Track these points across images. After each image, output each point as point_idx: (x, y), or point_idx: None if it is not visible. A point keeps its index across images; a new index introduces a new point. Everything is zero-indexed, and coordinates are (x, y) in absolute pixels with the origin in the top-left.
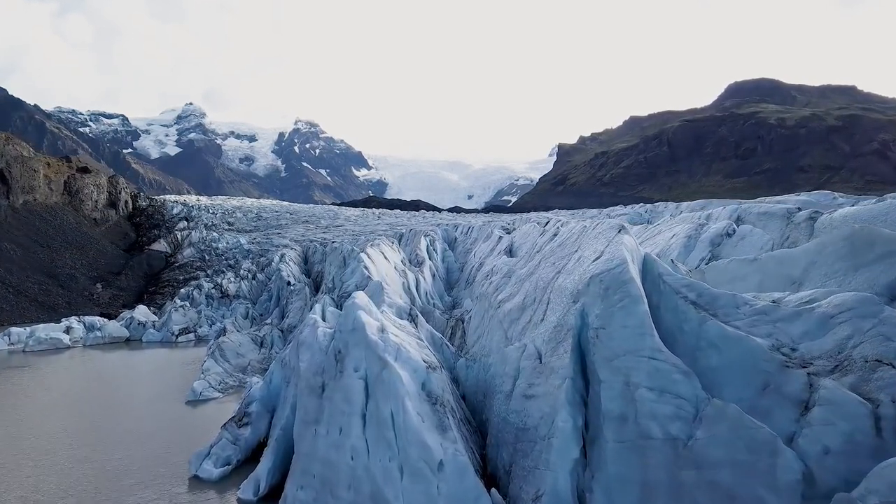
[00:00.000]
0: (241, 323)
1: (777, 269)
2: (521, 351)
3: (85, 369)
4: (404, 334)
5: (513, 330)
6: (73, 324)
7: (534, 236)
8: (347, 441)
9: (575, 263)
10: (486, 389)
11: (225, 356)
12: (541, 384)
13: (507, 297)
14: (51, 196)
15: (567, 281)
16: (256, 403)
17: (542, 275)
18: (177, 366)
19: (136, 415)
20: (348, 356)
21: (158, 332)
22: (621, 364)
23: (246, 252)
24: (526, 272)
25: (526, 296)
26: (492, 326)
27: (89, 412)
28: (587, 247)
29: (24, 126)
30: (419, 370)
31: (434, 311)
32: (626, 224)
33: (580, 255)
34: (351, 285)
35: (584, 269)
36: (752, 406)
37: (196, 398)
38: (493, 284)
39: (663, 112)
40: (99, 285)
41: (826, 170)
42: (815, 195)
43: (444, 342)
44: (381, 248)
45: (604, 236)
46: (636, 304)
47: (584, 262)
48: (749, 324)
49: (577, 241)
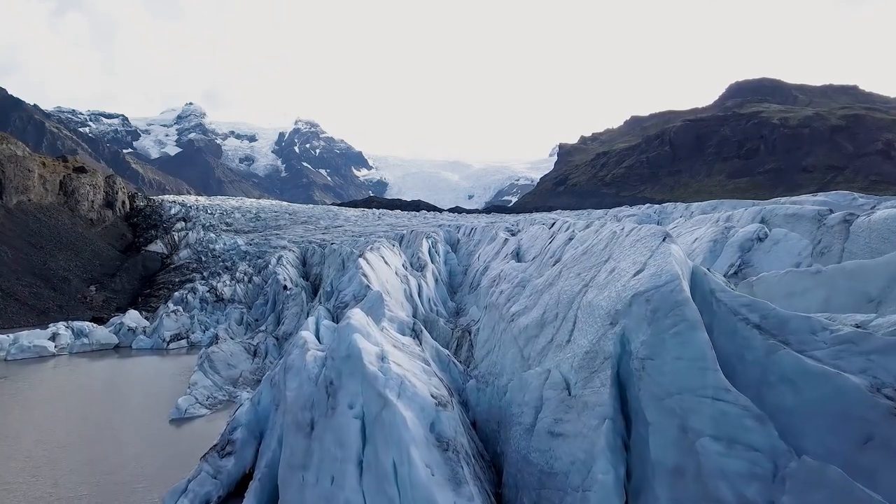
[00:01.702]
0: (234, 329)
1: (848, 285)
2: (543, 378)
3: (66, 381)
4: (408, 360)
5: (530, 349)
6: (60, 330)
7: (543, 239)
8: (341, 494)
9: (608, 276)
10: (501, 418)
11: (215, 368)
12: (570, 421)
13: (521, 311)
14: (46, 196)
15: (599, 297)
16: (242, 429)
17: (565, 287)
18: (165, 376)
19: (113, 437)
20: (342, 389)
21: (149, 339)
22: (675, 404)
23: (243, 254)
24: (543, 282)
25: (545, 310)
26: (504, 342)
27: (61, 435)
28: (623, 257)
29: (23, 126)
30: (427, 408)
31: (438, 320)
32: (669, 230)
33: (614, 266)
34: (348, 294)
35: (623, 285)
36: (848, 464)
37: (181, 416)
38: (505, 294)
39: (665, 112)
40: (93, 288)
41: (830, 170)
42: (832, 195)
43: (452, 360)
44: (382, 252)
45: (644, 245)
46: (694, 331)
47: (622, 276)
48: (832, 355)
49: (608, 250)
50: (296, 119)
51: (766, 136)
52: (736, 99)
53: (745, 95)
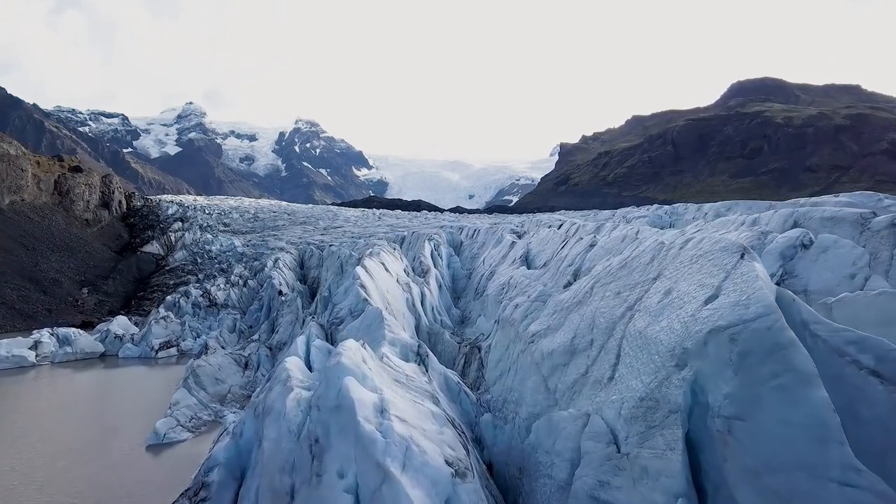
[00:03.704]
0: (226, 337)
1: None
2: (580, 423)
3: (39, 396)
4: (414, 408)
5: (557, 380)
6: (43, 338)
7: (554, 244)
8: None
9: (663, 300)
10: (524, 463)
11: (201, 383)
12: (623, 488)
13: (543, 331)
14: (40, 196)
15: (655, 328)
16: (219, 470)
17: (601, 308)
18: (150, 389)
19: (77, 470)
20: (330, 451)
21: (137, 347)
22: (781, 486)
23: (239, 255)
24: (569, 299)
25: (575, 334)
26: (522, 365)
27: (19, 467)
28: (681, 276)
29: (22, 125)
30: (440, 482)
31: (443, 333)
32: (746, 245)
33: (669, 287)
34: (344, 309)
35: (692, 315)
36: None
37: (159, 441)
38: (521, 309)
39: (666, 111)
40: (85, 290)
41: (835, 169)
42: (856, 196)
43: (462, 388)
44: (382, 258)
45: (712, 262)
46: (807, 387)
47: (685, 302)
48: None
49: (656, 265)
50: (296, 119)
51: (770, 136)
52: (738, 98)
53: (747, 95)
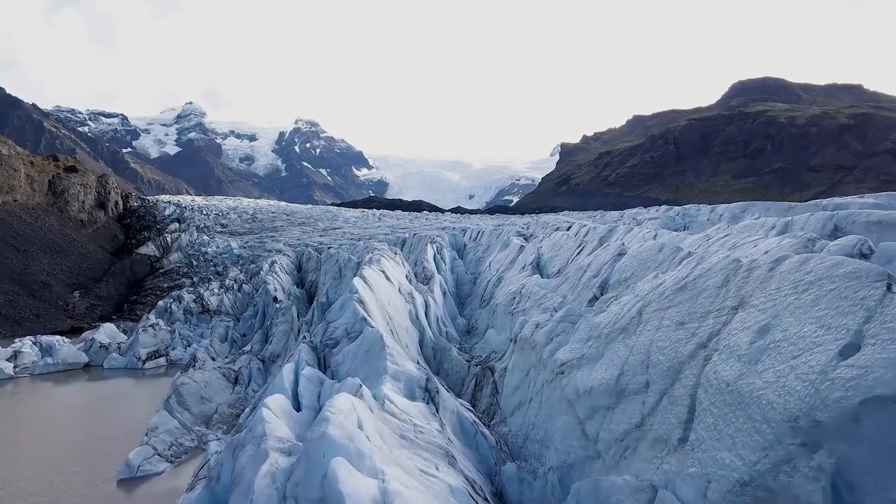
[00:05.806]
0: (217, 348)
1: None
2: (643, 499)
3: (10, 415)
4: (427, 496)
5: (599, 426)
6: (24, 347)
7: (568, 249)
8: None
9: (758, 340)
10: None
11: (184, 403)
12: None
13: (576, 361)
14: (33, 196)
15: (754, 381)
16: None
17: (659, 342)
18: (133, 406)
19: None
20: None
21: (123, 357)
22: None
23: (236, 258)
24: (609, 323)
25: (623, 371)
26: (549, 399)
27: None
28: (787, 309)
29: (21, 125)
30: None
31: (451, 350)
32: (890, 273)
33: (768, 323)
34: (340, 328)
35: (819, 371)
36: None
37: (132, 475)
38: (544, 331)
39: (668, 111)
40: (76, 294)
41: (839, 169)
42: (882, 196)
43: (479, 430)
44: (382, 265)
45: (837, 293)
46: None
47: (804, 350)
48: None
49: (735, 290)
50: (296, 119)
51: (773, 136)
52: (740, 98)
53: (748, 95)
